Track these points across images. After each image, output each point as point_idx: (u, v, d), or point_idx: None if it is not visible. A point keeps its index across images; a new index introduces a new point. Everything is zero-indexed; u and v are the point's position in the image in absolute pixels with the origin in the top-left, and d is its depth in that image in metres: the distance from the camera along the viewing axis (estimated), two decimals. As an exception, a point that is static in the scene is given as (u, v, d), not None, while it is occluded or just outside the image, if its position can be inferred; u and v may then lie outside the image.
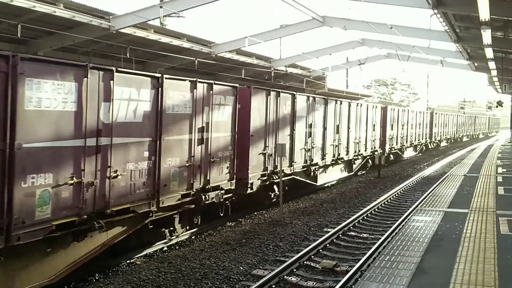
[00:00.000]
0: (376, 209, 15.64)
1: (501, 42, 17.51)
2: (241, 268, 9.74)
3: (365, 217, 14.36)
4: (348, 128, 21.60)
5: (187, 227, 11.76)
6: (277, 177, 14.79)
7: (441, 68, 29.50)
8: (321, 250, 10.92)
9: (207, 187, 11.45)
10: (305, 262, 10.00)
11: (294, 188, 17.05)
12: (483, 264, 6.89)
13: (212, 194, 11.49)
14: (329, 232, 12.27)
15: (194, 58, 18.85)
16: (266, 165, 14.54)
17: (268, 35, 20.17)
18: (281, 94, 15.34)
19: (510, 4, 12.63)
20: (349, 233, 12.56)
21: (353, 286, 8.20)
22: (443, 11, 13.82)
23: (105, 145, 8.35)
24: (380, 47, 25.30)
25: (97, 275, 9.17)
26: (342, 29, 19.78)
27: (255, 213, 14.77)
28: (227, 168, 12.35)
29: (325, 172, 19.55)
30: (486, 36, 13.87)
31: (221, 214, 12.53)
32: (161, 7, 13.99)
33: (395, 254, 7.51)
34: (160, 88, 9.73)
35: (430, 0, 12.59)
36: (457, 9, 13.68)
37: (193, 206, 11.05)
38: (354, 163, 23.32)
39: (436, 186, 17.83)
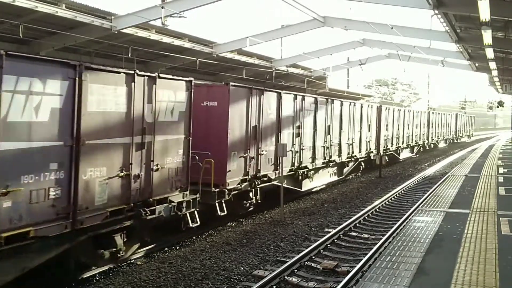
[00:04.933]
0: (377, 209, 15.64)
1: (502, 42, 17.53)
2: (242, 268, 9.75)
3: (366, 217, 14.36)
4: (341, 128, 20.52)
5: (138, 246, 10.06)
6: (259, 182, 13.99)
7: (442, 68, 29.54)
8: (322, 251, 10.93)
9: (149, 200, 9.66)
10: (306, 262, 10.00)
11: (273, 197, 15.10)
12: (484, 265, 6.90)
13: (159, 208, 9.81)
14: (330, 232, 12.27)
15: (195, 58, 18.88)
16: (247, 170, 13.53)
17: (269, 35, 20.22)
18: (266, 92, 14.39)
19: (511, 5, 12.64)
20: (350, 234, 12.57)
21: (354, 287, 8.21)
22: (444, 12, 13.84)
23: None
24: (381, 47, 25.33)
25: (97, 275, 9.20)
26: (343, 29, 19.83)
27: (255, 213, 14.78)
28: (176, 176, 10.49)
29: (312, 178, 17.96)
30: (487, 36, 13.88)
31: (183, 228, 10.83)
32: (162, 7, 14.03)
33: (396, 254, 7.52)
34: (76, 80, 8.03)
35: (431, 1, 12.60)
36: (457, 9, 13.70)
37: (129, 222, 9.24)
38: (347, 166, 22.19)
39: (437, 186, 17.82)
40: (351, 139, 21.90)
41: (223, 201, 12.47)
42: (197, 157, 11.20)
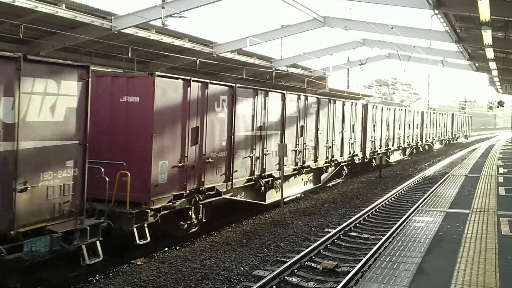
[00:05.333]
0: (377, 210, 15.64)
1: (502, 42, 17.53)
2: (242, 268, 9.74)
3: (366, 218, 14.36)
4: (317, 129, 17.95)
5: None
6: (203, 197, 11.45)
7: (442, 68, 29.56)
8: (322, 251, 10.92)
9: (10, 233, 6.99)
10: (306, 262, 10.00)
11: (226, 212, 13.35)
12: (484, 265, 6.90)
13: (30, 243, 7.19)
14: (330, 232, 12.27)
15: (195, 58, 18.89)
16: (185, 183, 10.89)
17: (269, 35, 20.24)
18: (210, 86, 11.62)
19: (511, 5, 12.64)
20: (350, 234, 12.56)
21: (354, 287, 8.21)
22: (444, 12, 13.84)
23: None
24: (381, 47, 25.36)
25: (97, 275, 9.19)
26: (343, 30, 19.84)
27: (256, 213, 14.78)
28: (62, 197, 7.76)
29: (279, 188, 14.95)
30: (487, 36, 13.88)
31: (83, 264, 8.21)
32: (162, 7, 14.03)
33: (396, 254, 7.52)
34: None
35: (431, 1, 12.60)
36: (457, 9, 13.70)
37: None
38: (326, 172, 19.73)
39: (437, 187, 17.83)
40: (331, 141, 19.34)
41: (146, 224, 9.70)
42: (103, 169, 8.85)
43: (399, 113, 31.25)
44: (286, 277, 9.08)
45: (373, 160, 25.55)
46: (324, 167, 19.15)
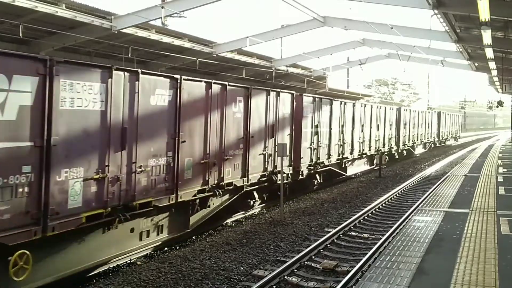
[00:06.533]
0: (377, 209, 15.66)
1: (501, 42, 17.55)
2: (242, 268, 9.75)
3: (366, 217, 14.38)
4: (221, 133, 12.31)
5: None
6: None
7: (442, 68, 29.55)
8: (322, 250, 10.94)
9: None
10: (305, 262, 10.01)
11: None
12: (483, 265, 6.90)
13: None
14: (330, 232, 12.28)
15: (195, 58, 18.89)
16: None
17: (269, 35, 20.24)
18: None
19: (510, 5, 12.66)
20: (350, 233, 12.57)
21: (353, 287, 8.22)
22: (444, 12, 13.86)
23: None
24: (380, 47, 25.35)
25: (97, 275, 9.20)
26: (342, 29, 19.84)
27: (256, 213, 14.78)
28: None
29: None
30: (486, 36, 13.89)
31: None
32: (162, 7, 14.03)
33: (396, 254, 7.52)
34: None
35: (431, 1, 12.62)
36: (457, 9, 13.71)
37: None
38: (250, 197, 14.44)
39: (436, 186, 17.83)
40: (265, 148, 14.41)
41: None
42: None
43: (361, 110, 23.10)
44: (286, 277, 9.09)
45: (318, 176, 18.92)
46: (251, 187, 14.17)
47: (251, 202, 14.54)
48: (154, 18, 14.65)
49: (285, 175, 14.97)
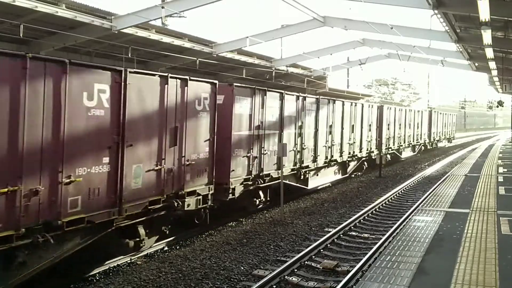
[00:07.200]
0: (377, 209, 15.66)
1: (501, 42, 17.54)
2: (242, 268, 9.76)
3: (366, 217, 14.38)
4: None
5: None
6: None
7: (442, 68, 29.53)
8: (322, 250, 10.94)
9: None
10: (306, 262, 10.01)
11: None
12: (484, 265, 6.91)
13: None
14: (330, 232, 12.28)
15: (195, 58, 18.89)
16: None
17: (269, 35, 20.23)
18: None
19: (510, 5, 12.66)
20: (350, 233, 12.58)
21: (354, 287, 8.22)
22: (444, 12, 13.85)
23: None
24: (380, 47, 25.34)
25: (97, 275, 9.20)
26: (342, 29, 19.82)
27: (256, 213, 14.78)
28: None
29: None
30: (486, 36, 13.89)
31: None
32: (162, 7, 14.04)
33: (396, 254, 7.52)
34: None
35: (431, 1, 12.61)
36: (457, 9, 13.70)
37: None
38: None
39: (437, 186, 17.84)
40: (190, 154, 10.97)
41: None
42: None
43: (328, 107, 19.43)
44: (286, 277, 9.10)
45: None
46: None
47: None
48: (154, 18, 14.65)
49: (200, 197, 11.12)
